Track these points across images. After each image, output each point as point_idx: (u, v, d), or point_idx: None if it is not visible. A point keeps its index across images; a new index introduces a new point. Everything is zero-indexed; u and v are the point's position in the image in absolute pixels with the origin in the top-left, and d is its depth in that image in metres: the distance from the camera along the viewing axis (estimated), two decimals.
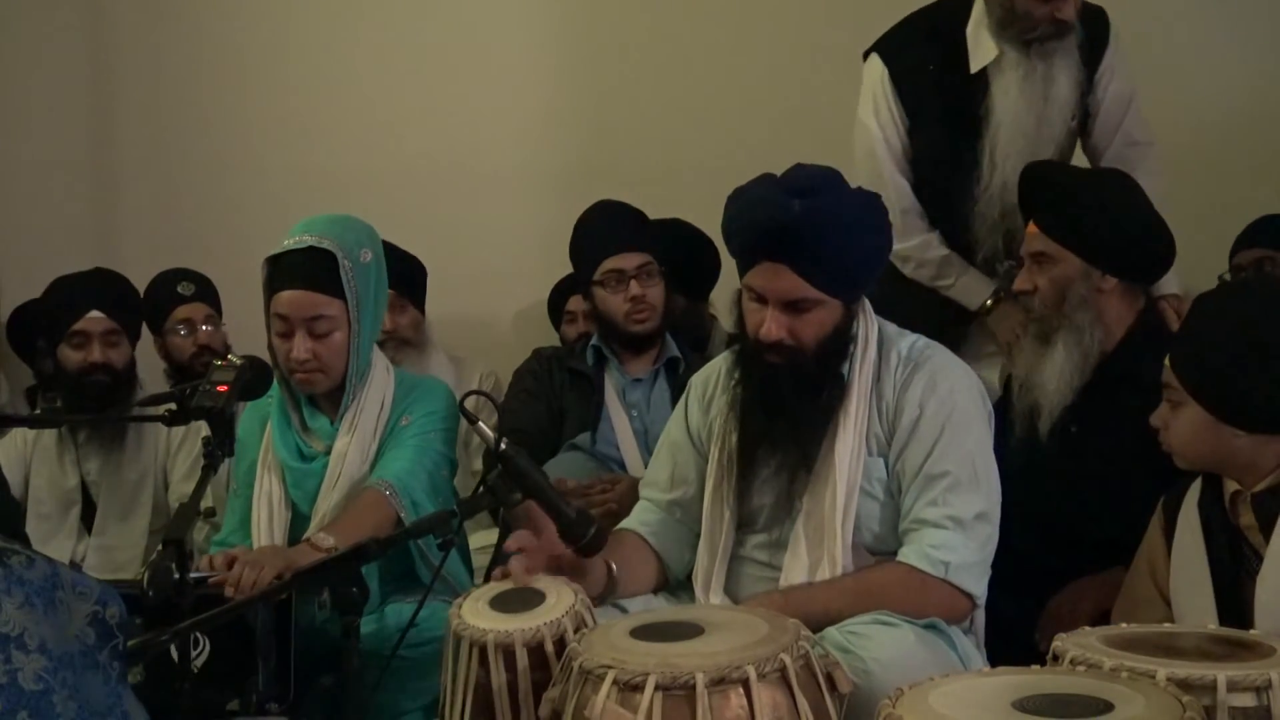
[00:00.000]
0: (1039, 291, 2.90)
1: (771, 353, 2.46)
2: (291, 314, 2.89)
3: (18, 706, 1.38)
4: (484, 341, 4.64)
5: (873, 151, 3.25)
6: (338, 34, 4.94)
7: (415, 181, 4.72)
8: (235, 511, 3.07)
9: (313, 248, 2.88)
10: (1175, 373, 2.36)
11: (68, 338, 3.60)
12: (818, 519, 2.46)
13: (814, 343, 2.45)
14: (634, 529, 2.67)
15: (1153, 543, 2.48)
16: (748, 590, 2.54)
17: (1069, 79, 3.10)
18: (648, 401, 3.44)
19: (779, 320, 2.44)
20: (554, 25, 4.72)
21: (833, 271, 2.42)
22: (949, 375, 2.51)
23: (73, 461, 3.65)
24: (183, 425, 2.88)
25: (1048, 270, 2.89)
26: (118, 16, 5.16)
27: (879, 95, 3.25)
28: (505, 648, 2.15)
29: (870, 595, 2.38)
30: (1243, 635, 2.02)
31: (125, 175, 5.17)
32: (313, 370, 2.91)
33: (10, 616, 1.40)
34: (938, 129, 3.22)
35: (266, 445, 3.02)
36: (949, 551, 2.39)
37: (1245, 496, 2.33)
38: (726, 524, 2.55)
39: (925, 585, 2.38)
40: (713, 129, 4.39)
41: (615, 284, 3.43)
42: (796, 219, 2.37)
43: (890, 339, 2.57)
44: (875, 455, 2.49)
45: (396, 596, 2.93)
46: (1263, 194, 3.86)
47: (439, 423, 2.99)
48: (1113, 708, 1.68)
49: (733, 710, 1.89)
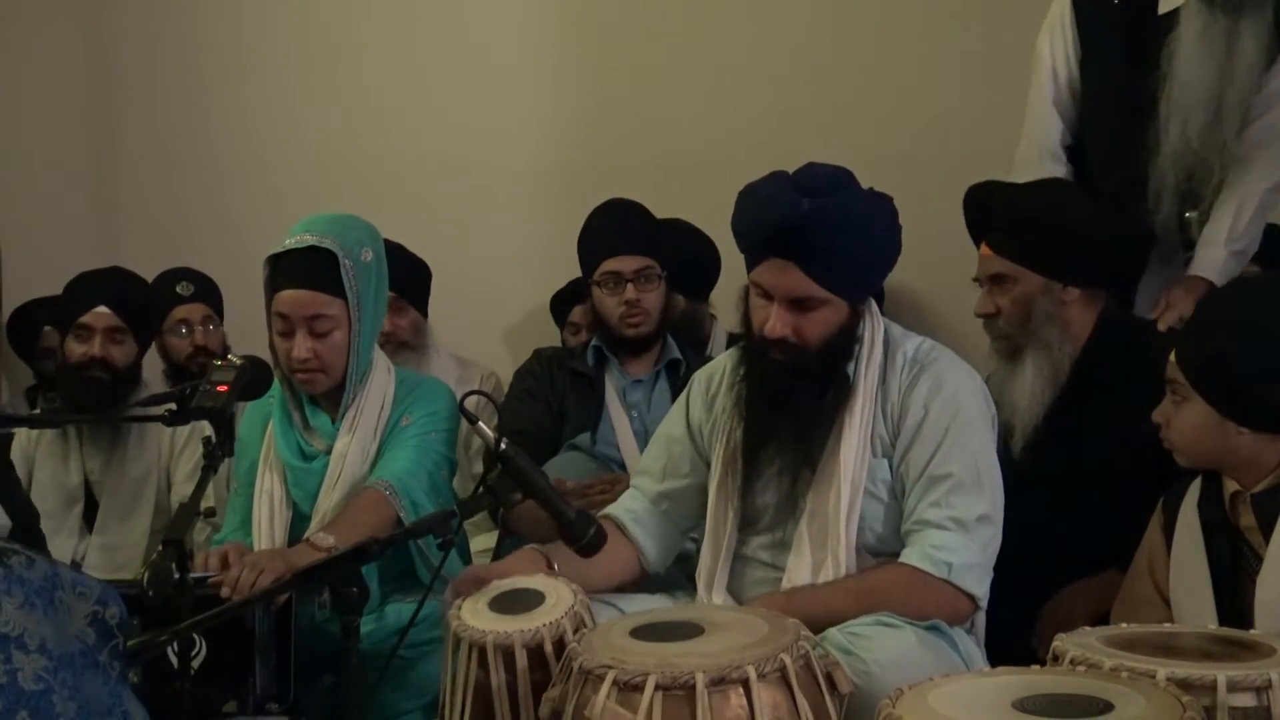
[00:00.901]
0: (1002, 313, 2.90)
1: (776, 350, 2.46)
2: (292, 313, 2.89)
3: (18, 706, 1.38)
4: (485, 341, 4.64)
5: (1038, 80, 3.18)
6: (339, 33, 4.93)
7: (416, 181, 4.72)
8: (236, 510, 3.07)
9: (313, 247, 2.88)
10: (1181, 368, 2.35)
11: (73, 330, 3.62)
12: (822, 519, 2.46)
13: (819, 341, 2.46)
14: (616, 515, 2.66)
15: (1152, 542, 2.48)
16: (750, 590, 2.53)
17: (1256, 41, 2.96)
18: (648, 402, 3.43)
19: (784, 318, 2.44)
20: (555, 25, 4.71)
21: (840, 272, 2.42)
22: (954, 377, 2.51)
23: (76, 459, 3.65)
24: (183, 425, 2.88)
25: (1009, 291, 2.88)
26: (118, 15, 5.16)
27: (1057, 22, 3.18)
28: (504, 649, 2.15)
29: (873, 596, 2.38)
30: (1243, 635, 2.02)
31: (126, 175, 5.17)
32: (313, 370, 2.92)
33: (10, 616, 1.40)
34: (1115, 67, 3.08)
35: (268, 444, 3.02)
36: (951, 553, 2.38)
37: (1245, 497, 2.33)
38: (730, 522, 2.55)
39: (927, 586, 2.38)
40: (714, 129, 4.38)
41: (612, 286, 3.43)
42: (805, 217, 2.37)
43: (896, 340, 2.56)
44: (880, 456, 2.49)
45: (397, 596, 2.94)
46: None
47: (440, 423, 2.99)
48: (1113, 708, 1.68)
49: (733, 710, 1.90)
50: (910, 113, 4.22)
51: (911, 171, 3.52)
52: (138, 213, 5.12)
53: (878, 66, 4.31)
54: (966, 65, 4.20)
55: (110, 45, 5.17)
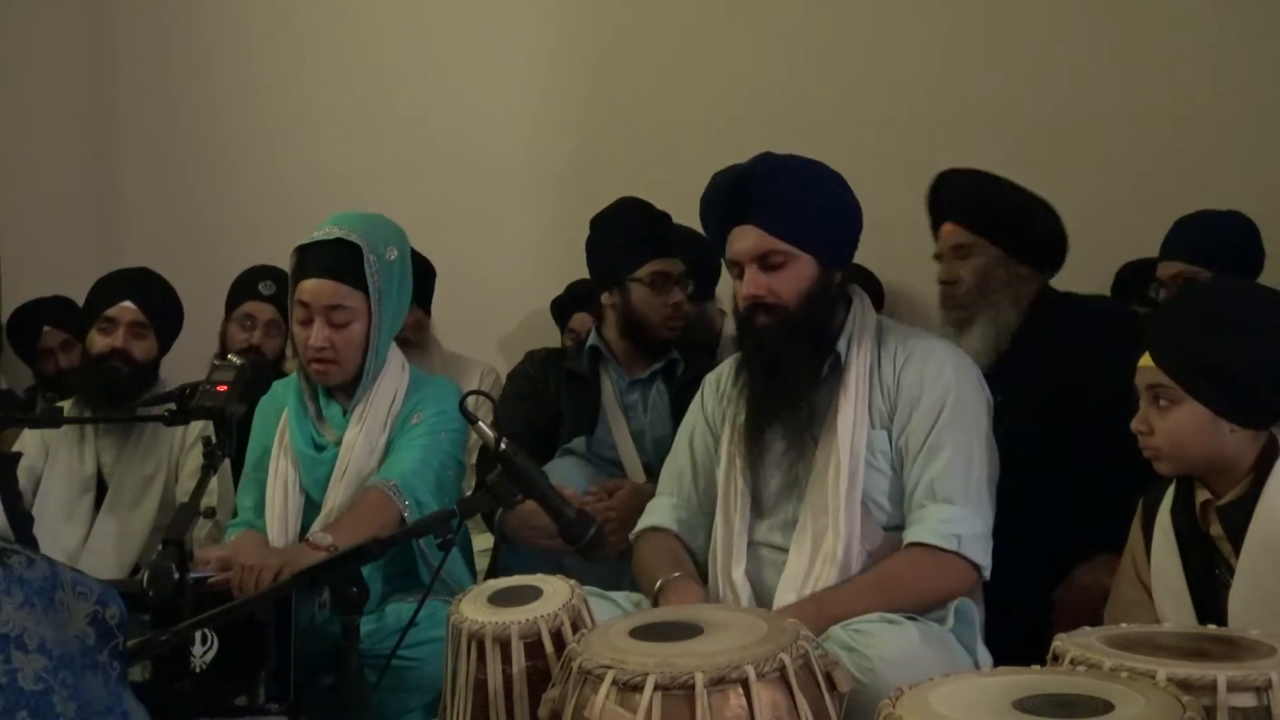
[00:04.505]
0: (962, 281, 3.18)
1: (759, 314, 2.56)
2: (313, 302, 2.92)
3: (17, 706, 1.38)
4: (486, 340, 4.64)
5: None
6: (343, 34, 4.94)
7: (418, 180, 4.72)
8: (250, 493, 3.09)
9: (340, 239, 2.92)
10: (1167, 373, 2.34)
11: (98, 323, 3.67)
12: (821, 490, 2.52)
13: (796, 298, 2.55)
14: (668, 527, 2.73)
15: (1135, 543, 2.50)
16: (765, 574, 2.57)
17: None
18: (646, 403, 3.41)
19: (756, 279, 2.56)
20: (557, 26, 4.71)
21: (794, 220, 2.54)
22: (945, 356, 2.60)
23: (91, 451, 3.69)
24: (182, 425, 2.89)
25: (969, 261, 3.18)
26: (123, 15, 5.16)
27: None
28: (502, 640, 2.17)
29: (891, 583, 2.44)
30: (1243, 635, 2.02)
31: (127, 176, 5.18)
32: (328, 361, 2.93)
33: (10, 616, 1.40)
34: None
35: (282, 431, 3.05)
36: (958, 525, 2.45)
37: (1213, 506, 2.35)
38: (740, 504, 2.60)
39: (938, 562, 2.45)
40: (714, 129, 4.38)
41: (661, 286, 3.40)
42: (749, 171, 2.56)
43: (889, 327, 2.67)
44: (879, 428, 2.56)
45: (397, 596, 2.94)
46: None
47: (449, 423, 3.00)
48: (1113, 708, 1.68)
49: (732, 710, 1.89)
50: (910, 115, 4.22)
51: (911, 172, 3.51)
52: (139, 213, 5.12)
53: (879, 69, 4.31)
54: (967, 65, 4.21)
55: (111, 44, 5.17)
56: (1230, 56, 3.96)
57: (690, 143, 4.41)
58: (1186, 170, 3.93)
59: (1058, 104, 4.07)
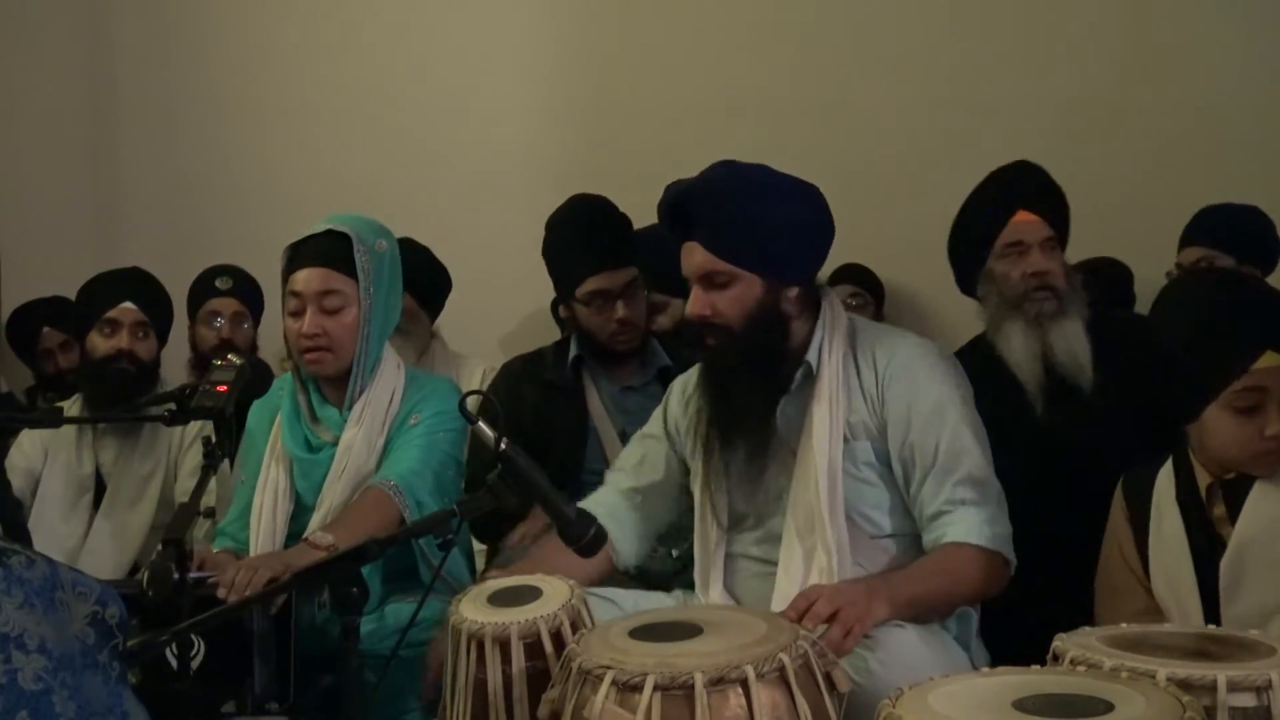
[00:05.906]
0: (1054, 272, 3.03)
1: (706, 334, 2.52)
2: (305, 290, 2.94)
3: (17, 706, 1.38)
4: (486, 340, 4.64)
5: None
6: (343, 35, 4.94)
7: (418, 179, 4.73)
8: (239, 501, 3.09)
9: (330, 231, 2.96)
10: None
11: (99, 325, 3.68)
12: (805, 508, 2.49)
13: (740, 318, 2.49)
14: (590, 510, 2.67)
15: (1117, 529, 2.51)
16: (746, 587, 2.56)
17: None
18: (644, 410, 3.38)
19: (700, 298, 2.51)
20: (557, 25, 4.72)
21: (738, 240, 2.47)
22: (926, 358, 2.55)
23: (90, 450, 3.71)
24: (182, 425, 2.89)
25: (1058, 253, 3.08)
26: (122, 15, 5.16)
27: None
28: (501, 640, 2.17)
29: (950, 573, 2.42)
30: (1242, 635, 2.02)
31: (127, 176, 5.17)
32: (321, 349, 2.94)
33: (10, 616, 1.40)
34: None
35: (275, 436, 3.05)
36: (995, 524, 2.45)
37: (1217, 486, 2.37)
38: (714, 519, 2.59)
39: (989, 560, 2.44)
40: (713, 129, 4.38)
41: (601, 304, 3.31)
42: (693, 189, 2.50)
43: (861, 328, 2.61)
44: (861, 439, 2.51)
45: (397, 596, 2.94)
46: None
47: (448, 423, 2.99)
48: (1113, 708, 1.68)
49: (731, 710, 1.89)
50: (910, 113, 4.22)
51: (911, 172, 3.53)
52: (138, 214, 5.12)
53: (878, 66, 4.31)
54: (967, 66, 4.21)
55: (112, 44, 5.17)
56: (1253, 48, 3.97)
57: (690, 142, 4.40)
58: (1203, 160, 3.95)
59: (1074, 95, 4.06)
